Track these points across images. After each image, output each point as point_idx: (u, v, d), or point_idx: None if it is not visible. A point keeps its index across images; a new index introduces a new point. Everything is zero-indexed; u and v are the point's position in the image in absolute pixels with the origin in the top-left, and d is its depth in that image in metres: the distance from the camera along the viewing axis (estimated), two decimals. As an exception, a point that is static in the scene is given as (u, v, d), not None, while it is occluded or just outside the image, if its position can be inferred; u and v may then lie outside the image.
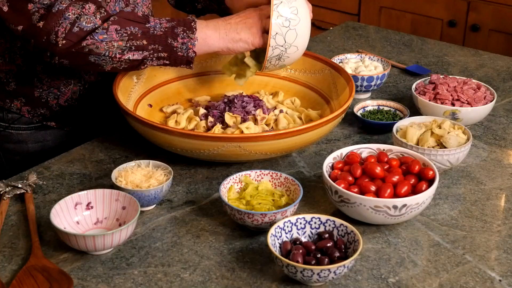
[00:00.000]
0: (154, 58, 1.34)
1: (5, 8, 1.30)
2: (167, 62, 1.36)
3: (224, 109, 1.48)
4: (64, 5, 1.29)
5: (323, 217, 1.16)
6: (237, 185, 1.27)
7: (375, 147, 1.34)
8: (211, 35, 1.37)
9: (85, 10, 1.30)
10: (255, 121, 1.47)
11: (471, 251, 1.19)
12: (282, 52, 1.37)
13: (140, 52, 1.33)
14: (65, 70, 1.47)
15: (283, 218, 1.17)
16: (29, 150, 1.52)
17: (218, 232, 1.22)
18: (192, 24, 1.36)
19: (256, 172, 1.28)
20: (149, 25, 1.34)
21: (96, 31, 1.30)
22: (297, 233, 1.16)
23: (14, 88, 1.47)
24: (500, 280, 1.12)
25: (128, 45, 1.32)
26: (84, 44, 1.30)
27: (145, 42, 1.33)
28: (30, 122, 1.50)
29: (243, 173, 1.28)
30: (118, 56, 1.32)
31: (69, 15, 1.29)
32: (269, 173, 1.28)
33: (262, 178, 1.28)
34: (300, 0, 1.38)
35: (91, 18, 1.30)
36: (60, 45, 1.29)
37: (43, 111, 1.50)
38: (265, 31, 1.39)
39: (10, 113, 1.49)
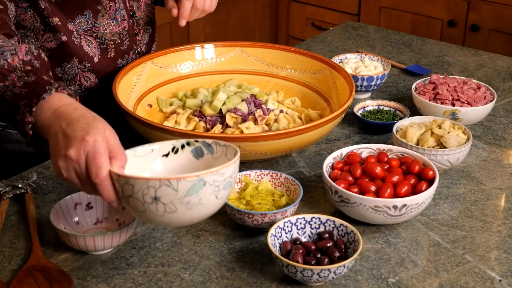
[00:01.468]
0: (4, 121, 1.15)
1: None
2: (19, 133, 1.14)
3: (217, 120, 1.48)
4: None
5: (323, 217, 1.16)
6: (237, 185, 1.27)
7: (375, 147, 1.34)
8: (46, 124, 1.05)
9: None
10: (255, 121, 1.47)
11: (471, 251, 1.19)
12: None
13: None
14: (64, 76, 1.46)
15: (283, 218, 1.17)
16: (28, 150, 1.52)
17: (218, 232, 1.22)
18: (34, 101, 1.06)
19: (256, 172, 1.28)
20: (1, 85, 1.11)
21: None
22: (297, 233, 1.16)
23: None
24: (500, 280, 1.12)
25: None
26: None
27: None
28: None
29: (243, 173, 1.28)
30: None
31: None
32: (269, 173, 1.28)
33: (262, 178, 1.28)
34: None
35: None
36: None
37: None
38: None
39: None
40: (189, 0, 1.47)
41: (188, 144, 1.10)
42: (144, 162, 1.09)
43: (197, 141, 1.09)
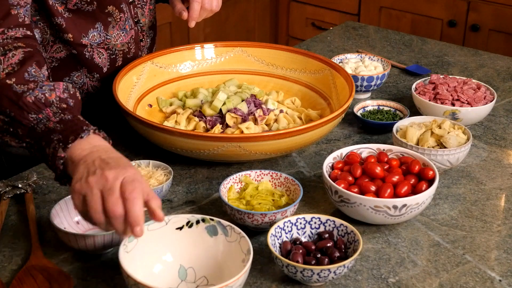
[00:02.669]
0: (32, 151, 1.15)
1: None
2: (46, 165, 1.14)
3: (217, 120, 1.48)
4: None
5: (323, 217, 1.16)
6: (237, 185, 1.27)
7: (375, 147, 1.34)
8: (81, 155, 1.06)
9: (4, 58, 1.18)
10: (255, 121, 1.47)
11: (471, 251, 1.19)
12: None
13: (17, 140, 1.15)
14: (65, 79, 1.46)
15: (283, 218, 1.17)
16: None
17: (218, 232, 1.22)
18: (71, 138, 1.07)
19: (256, 172, 1.28)
20: (34, 116, 1.12)
21: None
22: (297, 233, 1.16)
23: None
24: (500, 280, 1.12)
25: (4, 127, 1.14)
26: None
27: (20, 132, 1.13)
28: None
29: (243, 173, 1.28)
30: None
31: None
32: (269, 173, 1.28)
33: (262, 178, 1.28)
34: None
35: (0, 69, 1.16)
36: None
37: None
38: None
39: None
40: (198, 2, 1.48)
41: (203, 220, 1.12)
42: (158, 236, 1.11)
43: (212, 219, 1.12)
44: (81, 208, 1.00)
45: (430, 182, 1.24)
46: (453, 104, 1.55)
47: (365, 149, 1.34)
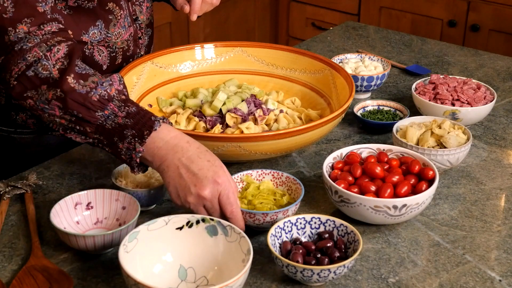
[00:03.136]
0: (99, 146, 1.21)
1: None
2: (112, 156, 1.22)
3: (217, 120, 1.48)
4: (30, 44, 1.20)
5: (323, 217, 1.16)
6: (239, 185, 1.27)
7: (375, 147, 1.34)
8: (154, 157, 1.17)
9: (50, 54, 1.20)
10: (255, 121, 1.47)
11: (471, 251, 1.19)
12: None
13: (83, 136, 1.20)
14: None
15: (284, 217, 1.17)
16: (31, 153, 1.52)
17: (218, 232, 1.22)
18: (146, 132, 1.16)
19: (257, 172, 1.28)
20: (101, 113, 1.17)
21: (40, 97, 1.19)
22: (297, 233, 1.16)
23: None
24: (500, 280, 1.12)
25: (70, 125, 1.19)
26: (27, 105, 1.21)
27: (88, 129, 1.18)
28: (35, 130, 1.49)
29: (245, 172, 1.28)
30: (61, 131, 1.22)
31: (29, 56, 1.19)
32: (270, 172, 1.28)
33: (263, 177, 1.28)
34: None
35: (49, 66, 1.19)
36: (11, 86, 1.21)
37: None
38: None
39: (15, 123, 1.48)
40: None
41: (203, 220, 1.12)
42: (158, 236, 1.11)
43: (212, 219, 1.12)
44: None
45: (430, 182, 1.24)
46: (453, 104, 1.55)
47: (365, 149, 1.34)
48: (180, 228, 1.12)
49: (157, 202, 1.28)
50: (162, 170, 1.17)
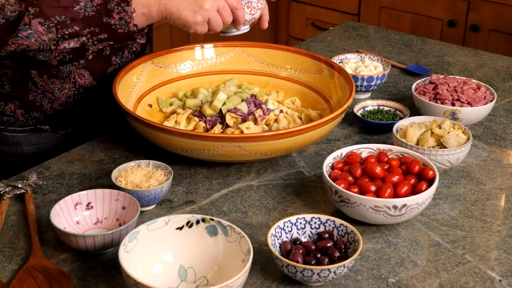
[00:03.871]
0: (95, 42, 1.25)
1: None
2: (111, 42, 1.28)
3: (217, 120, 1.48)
4: None
5: (323, 217, 1.16)
6: None
7: (375, 147, 1.34)
8: (149, 4, 1.25)
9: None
10: (255, 121, 1.47)
11: (471, 251, 1.19)
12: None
13: (76, 39, 1.24)
14: (59, 74, 1.46)
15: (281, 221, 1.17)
16: (24, 153, 1.52)
17: (218, 232, 1.22)
18: None
19: None
20: (78, 7, 1.22)
21: (19, 27, 1.21)
22: (297, 233, 1.16)
23: (8, 91, 1.46)
24: (500, 280, 1.12)
25: (59, 35, 1.22)
26: (11, 44, 1.22)
27: (77, 27, 1.22)
28: (25, 125, 1.50)
29: None
30: (53, 47, 1.24)
31: None
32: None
33: None
34: None
35: (14, 6, 1.21)
36: None
37: (37, 115, 1.49)
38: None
39: (5, 116, 1.48)
40: None
41: (203, 220, 1.12)
42: (158, 236, 1.11)
43: (212, 219, 1.12)
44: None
45: (430, 182, 1.24)
46: (453, 104, 1.55)
47: (365, 149, 1.34)
48: (180, 228, 1.12)
49: (157, 202, 1.28)
50: (164, 8, 1.20)
